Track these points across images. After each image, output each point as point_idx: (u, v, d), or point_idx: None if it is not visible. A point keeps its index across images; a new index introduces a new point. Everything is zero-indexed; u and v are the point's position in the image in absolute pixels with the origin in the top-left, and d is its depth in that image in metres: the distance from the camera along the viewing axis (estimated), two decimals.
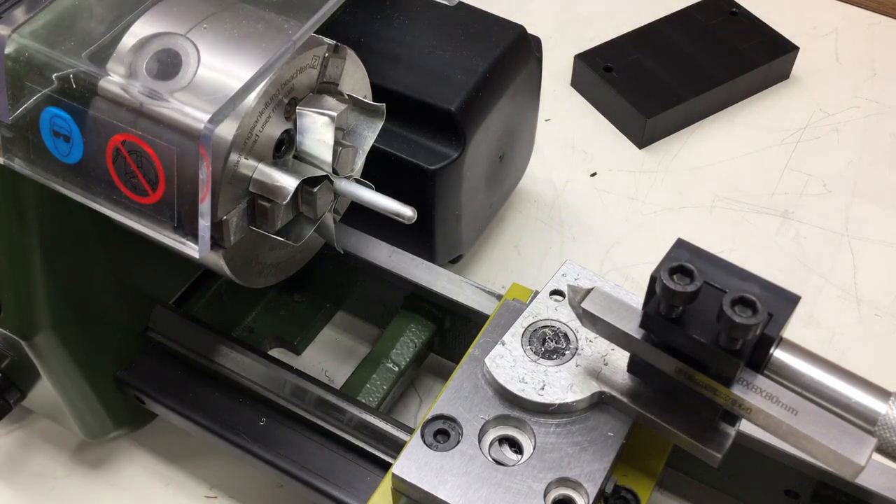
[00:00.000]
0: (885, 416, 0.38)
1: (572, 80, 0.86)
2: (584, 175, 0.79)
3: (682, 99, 0.80)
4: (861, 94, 0.86)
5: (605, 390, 0.44)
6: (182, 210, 0.42)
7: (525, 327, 0.47)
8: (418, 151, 0.58)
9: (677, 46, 0.84)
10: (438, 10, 0.62)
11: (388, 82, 0.58)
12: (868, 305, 0.70)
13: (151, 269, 0.57)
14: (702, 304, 0.38)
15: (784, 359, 0.39)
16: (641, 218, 0.76)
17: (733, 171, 0.79)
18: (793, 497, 0.52)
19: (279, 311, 0.66)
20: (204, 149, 0.39)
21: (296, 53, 0.43)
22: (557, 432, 0.44)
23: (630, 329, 0.41)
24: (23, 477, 0.61)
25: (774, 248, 0.74)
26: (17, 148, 0.44)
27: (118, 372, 0.57)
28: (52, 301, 0.50)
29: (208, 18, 0.44)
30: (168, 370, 0.57)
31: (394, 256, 0.59)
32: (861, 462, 0.36)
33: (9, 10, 0.43)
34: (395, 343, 0.60)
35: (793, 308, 0.38)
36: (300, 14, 0.44)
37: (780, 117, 0.83)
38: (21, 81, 0.42)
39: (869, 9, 0.94)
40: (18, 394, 0.56)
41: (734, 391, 0.39)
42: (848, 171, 0.79)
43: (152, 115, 0.41)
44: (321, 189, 0.46)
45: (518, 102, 0.64)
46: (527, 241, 0.74)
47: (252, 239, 0.46)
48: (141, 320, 0.57)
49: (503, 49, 0.60)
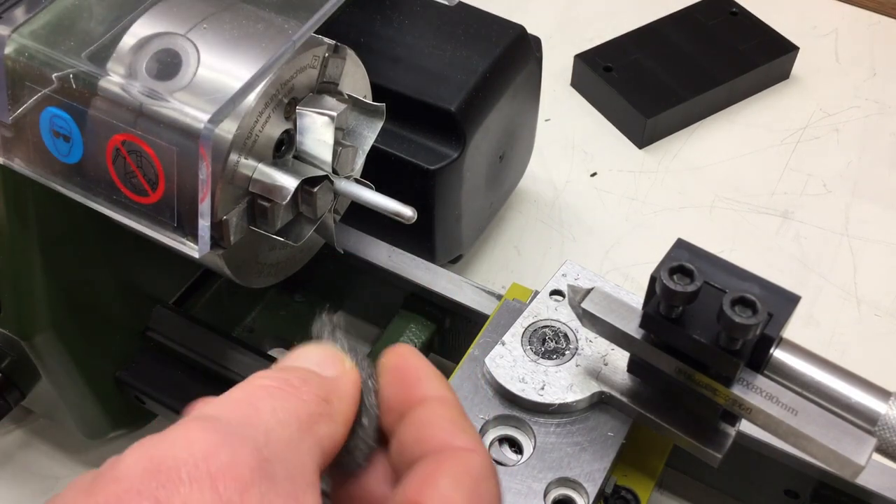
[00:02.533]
0: (886, 416, 0.38)
1: (572, 80, 0.86)
2: (584, 175, 0.79)
3: (682, 99, 0.80)
4: (861, 94, 0.86)
5: (605, 390, 0.44)
6: (182, 210, 0.42)
7: (525, 327, 0.47)
8: (418, 151, 0.58)
9: (677, 46, 0.84)
10: (438, 10, 0.62)
11: (388, 82, 0.58)
12: (868, 305, 0.70)
13: (151, 269, 0.56)
14: (702, 304, 0.38)
15: (784, 359, 0.39)
16: (641, 218, 0.76)
17: (733, 171, 0.79)
18: (793, 497, 0.52)
19: (279, 311, 0.66)
20: (204, 149, 0.39)
21: (296, 53, 0.43)
22: (557, 432, 0.44)
23: (630, 329, 0.41)
24: (23, 477, 0.61)
25: (774, 248, 0.74)
26: (17, 148, 0.44)
27: (118, 372, 0.57)
28: (52, 301, 0.50)
29: (208, 18, 0.44)
30: (168, 370, 0.57)
31: (394, 256, 0.59)
32: (861, 462, 0.36)
33: (9, 10, 0.43)
34: (395, 343, 0.60)
35: (793, 308, 0.38)
36: (300, 14, 0.44)
37: (780, 117, 0.83)
38: (21, 81, 0.42)
39: (869, 9, 0.93)
40: (18, 394, 0.56)
41: (734, 391, 0.39)
42: (848, 171, 0.79)
43: (152, 115, 0.41)
44: (321, 189, 0.46)
45: (518, 102, 0.64)
46: (527, 241, 0.74)
47: (252, 239, 0.46)
48: (141, 320, 0.57)
49: (503, 49, 0.60)
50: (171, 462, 0.25)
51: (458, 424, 0.30)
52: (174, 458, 0.25)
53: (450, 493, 0.27)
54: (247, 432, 0.26)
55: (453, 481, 0.28)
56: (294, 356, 0.32)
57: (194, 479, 0.24)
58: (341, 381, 0.31)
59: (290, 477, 0.26)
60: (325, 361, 0.31)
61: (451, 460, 0.28)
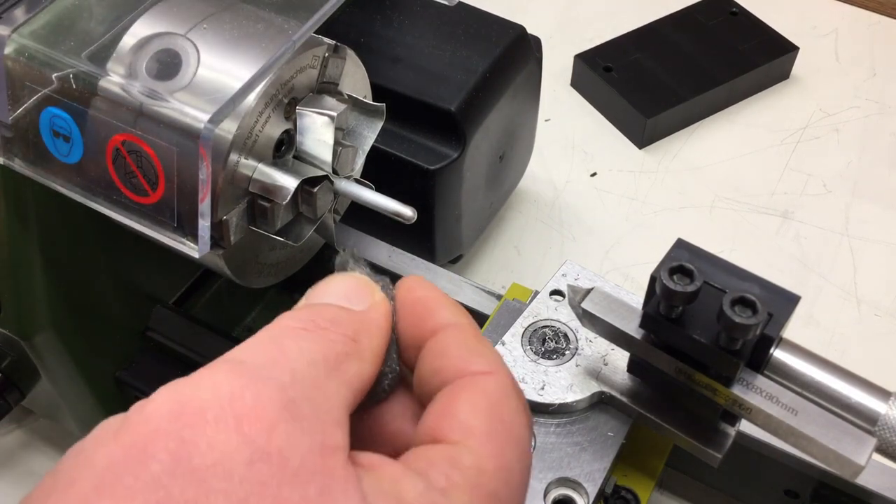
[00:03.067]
0: (886, 416, 0.38)
1: (572, 80, 0.86)
2: (584, 175, 0.79)
3: (682, 99, 0.80)
4: (861, 94, 0.86)
5: (605, 390, 0.44)
6: (182, 210, 0.42)
7: (525, 327, 0.47)
8: (418, 151, 0.58)
9: (677, 46, 0.84)
10: (438, 10, 0.62)
11: (388, 82, 0.58)
12: (868, 305, 0.70)
13: (151, 269, 0.56)
14: (702, 304, 0.38)
15: (784, 359, 0.39)
16: (641, 218, 0.76)
17: (733, 171, 0.79)
18: (793, 497, 0.52)
19: (279, 311, 0.65)
20: (204, 149, 0.39)
21: (296, 53, 0.43)
22: (557, 432, 0.44)
23: (630, 329, 0.41)
24: (23, 476, 0.61)
25: (774, 248, 0.74)
26: (17, 148, 0.44)
27: (118, 372, 0.57)
28: (52, 301, 0.50)
29: (208, 18, 0.44)
30: (168, 370, 0.57)
31: (394, 256, 0.59)
32: (861, 462, 0.36)
33: (9, 10, 0.43)
34: None
35: (793, 308, 0.38)
36: (300, 14, 0.44)
37: (780, 117, 0.83)
38: (21, 81, 0.42)
39: (869, 9, 0.93)
40: (18, 394, 0.56)
41: (734, 391, 0.39)
42: (848, 171, 0.79)
43: (152, 115, 0.41)
44: (321, 189, 0.45)
45: (518, 102, 0.64)
46: (527, 241, 0.74)
47: (252, 239, 0.46)
48: (141, 320, 0.57)
49: (503, 49, 0.60)
50: (197, 404, 0.25)
51: (472, 349, 0.29)
52: (200, 399, 0.25)
53: (468, 420, 0.27)
54: (272, 373, 0.26)
55: (471, 407, 0.27)
56: (322, 289, 0.31)
57: (220, 420, 0.24)
58: (371, 315, 0.30)
59: (317, 416, 0.26)
60: (354, 293, 0.31)
61: (467, 387, 0.28)
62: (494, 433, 0.27)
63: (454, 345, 0.29)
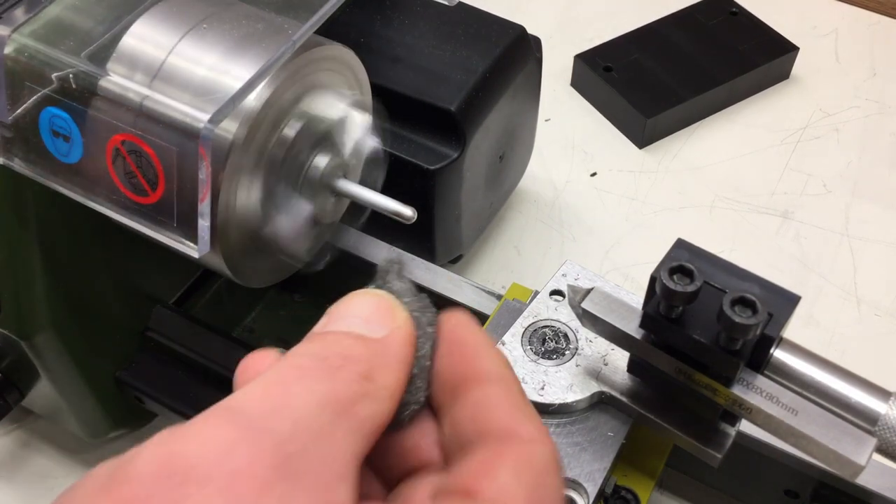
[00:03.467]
0: (886, 416, 0.38)
1: (572, 80, 0.86)
2: (584, 175, 0.79)
3: (682, 99, 0.80)
4: (861, 94, 0.86)
5: (605, 390, 0.44)
6: (182, 210, 0.42)
7: (525, 327, 0.47)
8: (418, 151, 0.58)
9: (677, 46, 0.84)
10: (438, 10, 0.62)
11: (388, 82, 0.58)
12: (868, 305, 0.70)
13: (151, 269, 0.56)
14: (702, 304, 0.38)
15: (784, 359, 0.39)
16: (641, 218, 0.76)
17: (733, 171, 0.79)
18: (793, 497, 0.52)
19: (279, 311, 0.66)
20: (204, 149, 0.39)
21: (295, 54, 0.43)
22: (557, 432, 0.44)
23: (630, 329, 0.41)
24: (23, 477, 0.61)
25: (774, 248, 0.74)
26: (16, 148, 0.44)
27: (118, 372, 0.57)
28: (52, 301, 0.50)
29: (208, 18, 0.44)
30: (168, 370, 0.57)
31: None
32: (861, 462, 0.36)
33: (9, 10, 0.43)
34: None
35: (793, 308, 0.38)
36: (300, 14, 0.43)
37: (780, 117, 0.83)
38: (21, 81, 0.42)
39: (869, 9, 0.93)
40: (18, 394, 0.56)
41: (734, 391, 0.39)
42: (848, 171, 0.79)
43: (152, 115, 0.41)
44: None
45: (518, 102, 0.64)
46: (527, 241, 0.74)
47: (252, 239, 0.46)
48: (141, 320, 0.57)
49: (503, 49, 0.60)
50: (186, 461, 0.23)
51: (521, 410, 0.28)
52: (190, 456, 0.23)
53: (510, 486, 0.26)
54: (272, 424, 0.24)
55: (514, 473, 0.26)
56: (343, 310, 0.29)
57: (209, 480, 0.23)
58: (390, 344, 0.28)
59: (318, 471, 0.24)
60: (375, 316, 0.29)
61: (513, 450, 0.27)
62: None
63: (502, 399, 0.28)
